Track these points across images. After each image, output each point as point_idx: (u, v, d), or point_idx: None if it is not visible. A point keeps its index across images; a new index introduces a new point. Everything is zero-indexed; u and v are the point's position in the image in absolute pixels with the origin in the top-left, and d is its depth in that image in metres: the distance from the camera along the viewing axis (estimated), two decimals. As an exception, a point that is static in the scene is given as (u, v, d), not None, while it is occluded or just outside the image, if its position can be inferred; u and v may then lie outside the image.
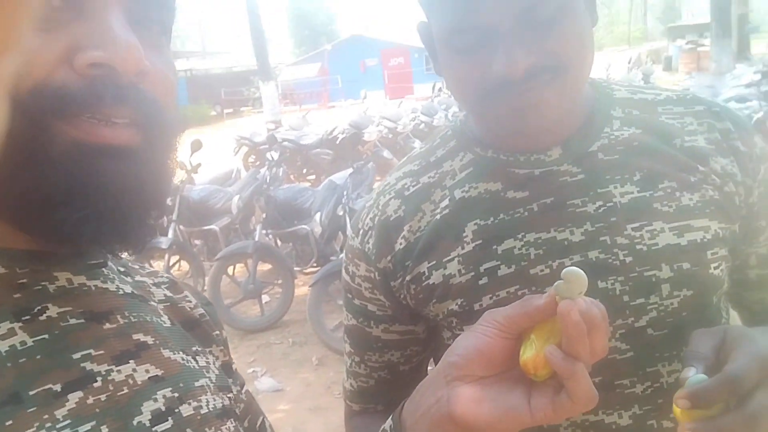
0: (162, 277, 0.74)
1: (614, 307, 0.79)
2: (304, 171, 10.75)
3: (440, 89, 15.60)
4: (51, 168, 0.48)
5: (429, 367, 1.02)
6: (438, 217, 0.88)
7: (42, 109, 0.47)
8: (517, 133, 0.83)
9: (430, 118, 11.81)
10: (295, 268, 5.37)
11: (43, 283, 0.54)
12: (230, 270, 5.44)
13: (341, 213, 4.88)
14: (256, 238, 5.18)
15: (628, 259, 0.81)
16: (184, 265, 6.04)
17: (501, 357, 0.62)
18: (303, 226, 5.33)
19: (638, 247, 0.81)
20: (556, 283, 0.60)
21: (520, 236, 0.84)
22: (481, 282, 0.84)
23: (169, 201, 4.90)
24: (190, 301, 0.73)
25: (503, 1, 0.73)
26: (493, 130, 0.88)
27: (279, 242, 5.70)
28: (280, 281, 5.28)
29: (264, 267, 5.59)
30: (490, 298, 0.84)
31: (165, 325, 0.64)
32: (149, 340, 0.60)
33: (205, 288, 4.94)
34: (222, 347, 0.74)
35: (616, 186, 0.83)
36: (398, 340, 0.96)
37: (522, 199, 0.85)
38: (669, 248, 0.81)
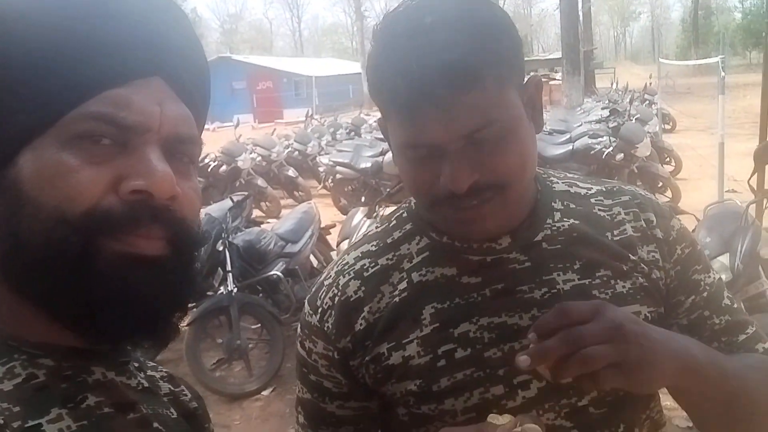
0: (162, 371, 0.81)
1: (558, 387, 0.84)
2: (174, 199, 10.36)
3: (312, 116, 15.67)
4: (96, 276, 0.58)
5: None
6: (397, 299, 0.92)
7: (92, 229, 0.58)
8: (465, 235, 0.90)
9: (304, 146, 11.83)
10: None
11: (83, 376, 0.64)
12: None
13: (221, 248, 4.75)
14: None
15: None
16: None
17: None
18: (178, 261, 5.13)
19: None
20: None
21: (474, 320, 0.89)
22: (439, 364, 0.88)
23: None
24: (187, 395, 0.81)
25: (450, 124, 0.79)
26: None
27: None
28: (153, 319, 5.03)
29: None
30: (448, 379, 0.88)
31: (172, 416, 0.74)
32: (163, 429, 0.69)
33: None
34: None
35: (559, 274, 0.90)
36: (352, 415, 0.98)
37: (475, 284, 0.91)
38: None
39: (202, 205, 0.67)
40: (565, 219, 0.95)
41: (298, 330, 1.00)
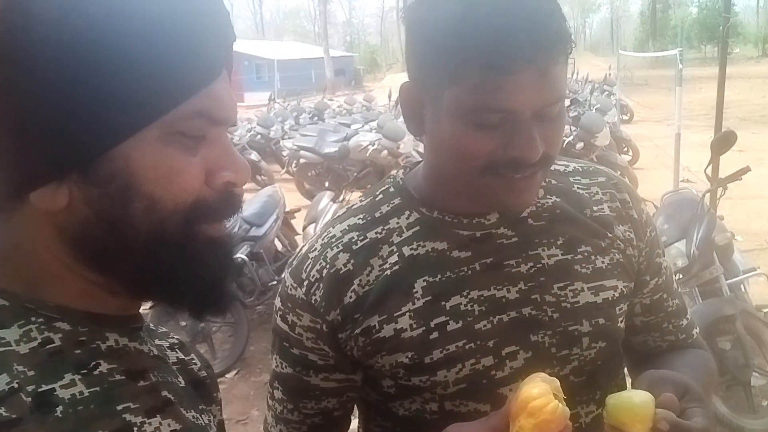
0: (173, 338, 0.83)
1: (544, 358, 0.90)
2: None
3: (274, 100, 15.53)
4: (190, 258, 0.64)
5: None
6: (388, 272, 0.92)
7: (196, 217, 0.64)
8: (489, 207, 0.93)
9: (267, 129, 11.73)
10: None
11: (97, 342, 0.65)
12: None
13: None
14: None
15: (555, 315, 0.92)
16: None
17: None
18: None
19: (563, 304, 0.92)
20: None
21: (465, 293, 0.91)
22: (431, 336, 0.90)
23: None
24: (196, 364, 0.83)
25: (530, 93, 0.80)
26: (468, 200, 0.93)
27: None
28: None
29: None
30: (440, 351, 0.90)
31: (181, 385, 0.75)
32: (172, 397, 0.70)
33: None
34: (219, 407, 0.84)
35: (544, 249, 0.94)
36: (336, 387, 0.99)
37: (466, 258, 0.93)
38: (588, 306, 0.93)
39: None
40: (548, 196, 0.98)
41: (277, 304, 0.99)
